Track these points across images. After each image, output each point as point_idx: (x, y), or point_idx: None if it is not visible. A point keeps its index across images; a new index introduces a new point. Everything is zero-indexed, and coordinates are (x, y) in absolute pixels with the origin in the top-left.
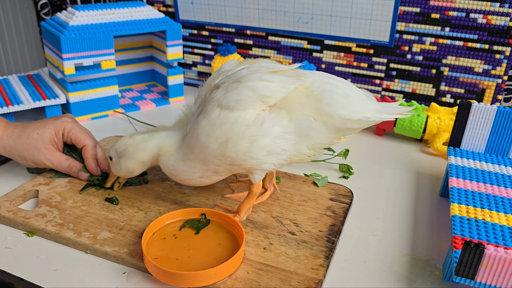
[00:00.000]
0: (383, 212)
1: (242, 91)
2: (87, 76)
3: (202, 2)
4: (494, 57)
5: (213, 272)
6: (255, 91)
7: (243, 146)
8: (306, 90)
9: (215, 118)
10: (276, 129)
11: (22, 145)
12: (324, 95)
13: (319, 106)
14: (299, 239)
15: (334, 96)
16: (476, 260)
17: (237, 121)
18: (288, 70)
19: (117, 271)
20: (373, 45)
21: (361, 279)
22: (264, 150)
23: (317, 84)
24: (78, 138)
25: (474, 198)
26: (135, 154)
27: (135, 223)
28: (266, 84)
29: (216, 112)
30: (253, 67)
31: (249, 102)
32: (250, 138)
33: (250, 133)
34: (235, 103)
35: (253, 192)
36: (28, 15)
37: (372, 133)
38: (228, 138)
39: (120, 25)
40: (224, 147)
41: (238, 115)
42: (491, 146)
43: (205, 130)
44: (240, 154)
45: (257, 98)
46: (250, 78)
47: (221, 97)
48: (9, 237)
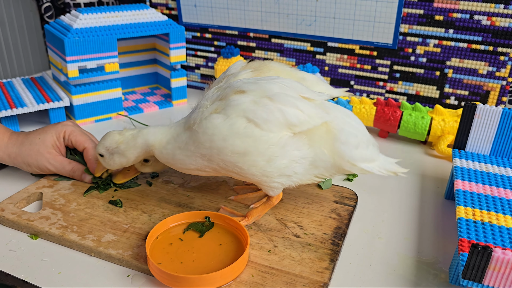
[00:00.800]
0: (388, 215)
1: (273, 112)
2: (91, 78)
3: (205, 5)
4: (498, 59)
5: (218, 275)
6: (285, 117)
7: (260, 163)
8: (326, 126)
9: (240, 128)
10: (295, 153)
11: (25, 151)
12: (341, 134)
13: (334, 144)
14: (304, 242)
15: (350, 138)
16: (484, 263)
17: (262, 138)
18: (317, 99)
19: (121, 274)
20: (377, 47)
21: (367, 282)
22: (278, 170)
23: (337, 121)
24: (79, 141)
25: (480, 201)
26: (127, 151)
27: (139, 226)
28: (296, 112)
29: (242, 122)
30: (284, 84)
31: (276, 125)
32: (270, 157)
33: (270, 152)
34: (263, 122)
35: (272, 202)
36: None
37: (376, 135)
38: (248, 152)
39: (123, 28)
40: (240, 158)
41: (264, 133)
42: (496, 148)
43: (222, 134)
44: (253, 169)
45: (285, 124)
46: (284, 100)
47: (249, 109)
48: (13, 240)
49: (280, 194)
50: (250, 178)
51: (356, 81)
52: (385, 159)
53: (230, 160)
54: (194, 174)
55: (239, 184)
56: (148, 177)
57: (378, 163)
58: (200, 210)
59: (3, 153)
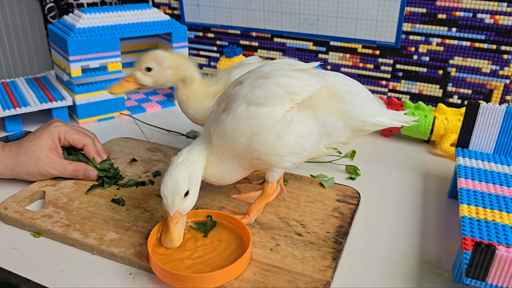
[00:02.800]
0: (390, 214)
1: (270, 87)
2: (94, 78)
3: (207, 5)
4: (502, 57)
5: (221, 274)
6: (283, 88)
7: (270, 140)
8: (328, 90)
9: (242, 113)
10: (302, 128)
11: (22, 160)
12: (345, 95)
13: (340, 106)
14: (306, 240)
15: (354, 97)
16: (487, 261)
17: (266, 116)
18: (309, 68)
19: (123, 272)
20: (379, 46)
21: (369, 280)
22: (288, 147)
23: (338, 85)
24: (76, 139)
25: (484, 199)
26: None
27: (141, 224)
28: (292, 81)
29: (243, 107)
30: (275, 63)
31: (277, 99)
32: (277, 134)
33: (277, 129)
34: (264, 99)
35: (267, 192)
36: (35, 18)
37: (379, 134)
38: (255, 132)
39: (126, 28)
40: (251, 140)
41: (267, 110)
42: (500, 147)
43: (230, 125)
44: (266, 148)
45: (285, 94)
46: (277, 74)
47: (248, 94)
48: (16, 238)
49: (275, 184)
50: (268, 160)
51: (359, 80)
52: (393, 112)
53: (246, 145)
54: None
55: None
56: (150, 175)
57: (387, 116)
58: (202, 208)
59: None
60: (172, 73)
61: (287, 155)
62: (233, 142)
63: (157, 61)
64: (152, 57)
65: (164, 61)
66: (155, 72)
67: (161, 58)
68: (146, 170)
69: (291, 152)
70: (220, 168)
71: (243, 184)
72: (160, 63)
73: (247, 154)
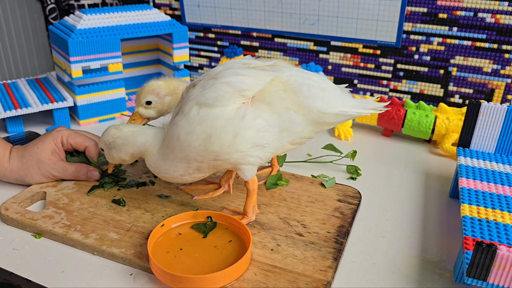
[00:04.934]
0: (391, 214)
1: (220, 88)
2: (95, 79)
3: (208, 5)
4: (503, 56)
5: (221, 275)
6: (232, 86)
7: (227, 139)
8: (283, 84)
9: (194, 116)
10: (258, 121)
11: (26, 162)
12: (302, 88)
13: (297, 100)
14: (307, 241)
15: (312, 90)
16: (488, 261)
17: (218, 116)
18: (263, 65)
19: (124, 273)
20: (380, 46)
21: (370, 280)
22: (248, 142)
23: (293, 78)
24: (78, 142)
25: (485, 199)
26: (123, 146)
27: (142, 225)
28: (242, 78)
29: (195, 110)
30: (227, 63)
31: (227, 98)
32: (233, 131)
33: (232, 127)
34: (214, 100)
35: (250, 189)
36: (36, 19)
37: (380, 134)
38: (210, 134)
39: (127, 28)
40: (207, 143)
41: (218, 110)
42: (501, 146)
43: (184, 129)
44: (224, 148)
45: (235, 92)
46: (226, 74)
47: (198, 95)
48: (17, 239)
49: (255, 178)
50: (229, 159)
51: (360, 80)
52: (360, 100)
53: (202, 149)
54: (179, 182)
55: None
56: (151, 176)
57: (351, 105)
58: (202, 209)
59: (5, 169)
60: (172, 99)
61: (248, 149)
62: (186, 146)
63: (153, 92)
64: (148, 91)
65: (160, 91)
66: (156, 104)
67: (157, 89)
68: (147, 171)
69: (252, 146)
70: (157, 163)
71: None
72: (157, 93)
73: (200, 157)
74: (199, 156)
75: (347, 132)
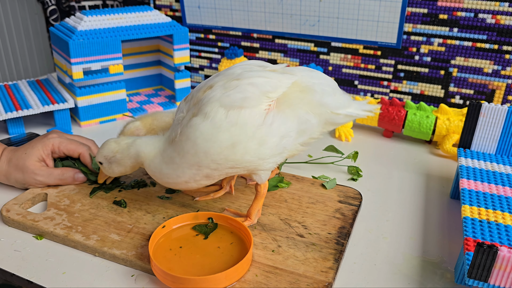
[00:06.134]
0: (392, 215)
1: (246, 88)
2: (95, 80)
3: (209, 6)
4: (503, 57)
5: (223, 276)
6: (258, 87)
7: (252, 148)
8: (298, 86)
9: (221, 120)
10: (282, 129)
11: (12, 167)
12: (316, 88)
13: (313, 100)
14: (308, 242)
15: (325, 88)
16: (489, 262)
17: (247, 122)
18: (278, 69)
19: (125, 274)
20: (381, 47)
21: (371, 282)
22: (271, 150)
23: (305, 78)
24: (71, 149)
25: (486, 200)
26: (123, 160)
27: (143, 226)
28: (266, 80)
29: (221, 113)
30: (243, 65)
31: (254, 99)
32: (260, 139)
33: (260, 134)
34: (241, 101)
35: (261, 192)
36: (37, 21)
37: (381, 135)
38: (235, 142)
39: (127, 30)
40: (229, 151)
41: (247, 115)
42: (502, 147)
43: (205, 134)
44: (247, 156)
45: (261, 94)
46: (249, 75)
47: (222, 96)
48: (18, 240)
49: (267, 183)
50: (246, 166)
51: (360, 81)
52: (359, 102)
53: (221, 157)
54: (183, 188)
55: None
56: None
57: (354, 106)
58: (204, 210)
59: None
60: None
61: (270, 157)
62: (203, 153)
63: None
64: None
65: (139, 132)
66: None
67: (135, 132)
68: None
69: (273, 154)
70: (159, 167)
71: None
72: (137, 135)
73: (215, 165)
74: (214, 164)
75: (347, 133)
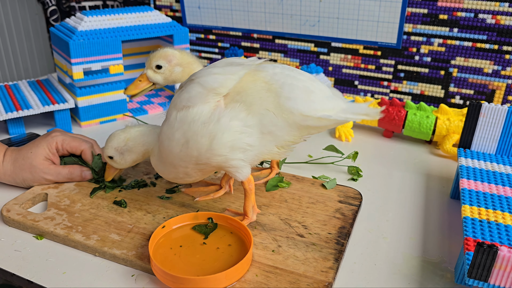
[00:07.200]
0: (393, 215)
1: (193, 88)
2: (96, 80)
3: (209, 7)
4: (503, 57)
5: (223, 276)
6: (203, 86)
7: (204, 143)
8: (266, 84)
9: (174, 120)
10: (235, 123)
11: (19, 166)
12: (284, 88)
13: (278, 101)
14: (308, 242)
15: (294, 90)
16: (490, 262)
17: (194, 119)
18: (248, 63)
19: (125, 274)
20: (381, 47)
21: (371, 281)
22: (226, 146)
23: (277, 77)
24: (74, 147)
25: (486, 200)
26: (135, 147)
27: (143, 226)
28: (214, 77)
29: (174, 114)
30: (216, 62)
31: (199, 97)
32: (209, 135)
33: (208, 130)
34: (187, 101)
35: (247, 188)
36: (38, 21)
37: (381, 135)
38: (188, 138)
39: (128, 30)
40: (186, 148)
41: (194, 113)
42: (502, 147)
43: (166, 134)
44: (202, 152)
45: (207, 92)
46: (201, 74)
47: (176, 99)
48: (19, 240)
49: (251, 178)
50: (210, 163)
51: (361, 81)
52: (353, 105)
53: (183, 155)
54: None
55: None
56: (152, 177)
57: (340, 109)
58: (204, 210)
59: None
60: (181, 71)
61: (228, 153)
62: (169, 152)
63: (166, 59)
64: (161, 55)
65: (173, 59)
66: (165, 70)
67: (170, 56)
68: (148, 172)
69: (232, 149)
70: (155, 164)
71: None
72: (169, 60)
73: (184, 163)
74: (182, 162)
75: (348, 133)
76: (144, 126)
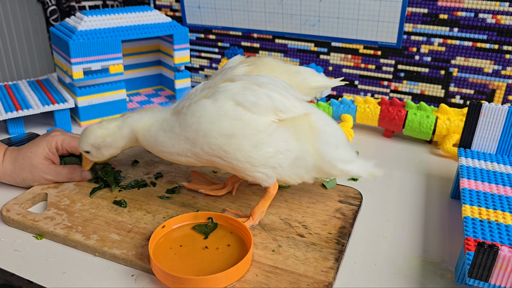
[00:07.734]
0: (393, 214)
1: (261, 96)
2: (95, 80)
3: (209, 6)
4: (504, 57)
5: (223, 276)
6: (272, 102)
7: (246, 147)
8: (310, 123)
9: (228, 110)
10: (282, 144)
11: (19, 166)
12: (323, 134)
13: (316, 143)
14: (308, 242)
15: (330, 139)
16: (490, 262)
17: (251, 123)
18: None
19: (125, 274)
20: (381, 47)
21: (372, 282)
22: (263, 158)
23: (320, 122)
24: (74, 146)
25: (486, 199)
26: (114, 143)
27: (143, 226)
28: (282, 99)
29: (230, 105)
30: (271, 78)
31: (264, 109)
32: (256, 142)
33: (258, 138)
34: (252, 105)
35: (270, 193)
36: (38, 21)
37: (381, 135)
38: (234, 134)
39: (127, 30)
40: (226, 140)
41: (253, 118)
42: (502, 147)
43: (210, 116)
44: (238, 154)
45: (272, 108)
46: (270, 87)
47: (238, 93)
48: (18, 240)
49: (277, 183)
50: (234, 164)
51: (361, 81)
52: (364, 161)
53: (216, 143)
54: (173, 159)
55: None
56: (153, 177)
57: (356, 165)
58: (204, 210)
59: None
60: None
61: (260, 165)
62: (203, 133)
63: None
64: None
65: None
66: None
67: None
68: (148, 172)
69: (265, 164)
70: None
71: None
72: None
73: (209, 150)
74: (208, 148)
75: (348, 133)
76: (120, 120)
